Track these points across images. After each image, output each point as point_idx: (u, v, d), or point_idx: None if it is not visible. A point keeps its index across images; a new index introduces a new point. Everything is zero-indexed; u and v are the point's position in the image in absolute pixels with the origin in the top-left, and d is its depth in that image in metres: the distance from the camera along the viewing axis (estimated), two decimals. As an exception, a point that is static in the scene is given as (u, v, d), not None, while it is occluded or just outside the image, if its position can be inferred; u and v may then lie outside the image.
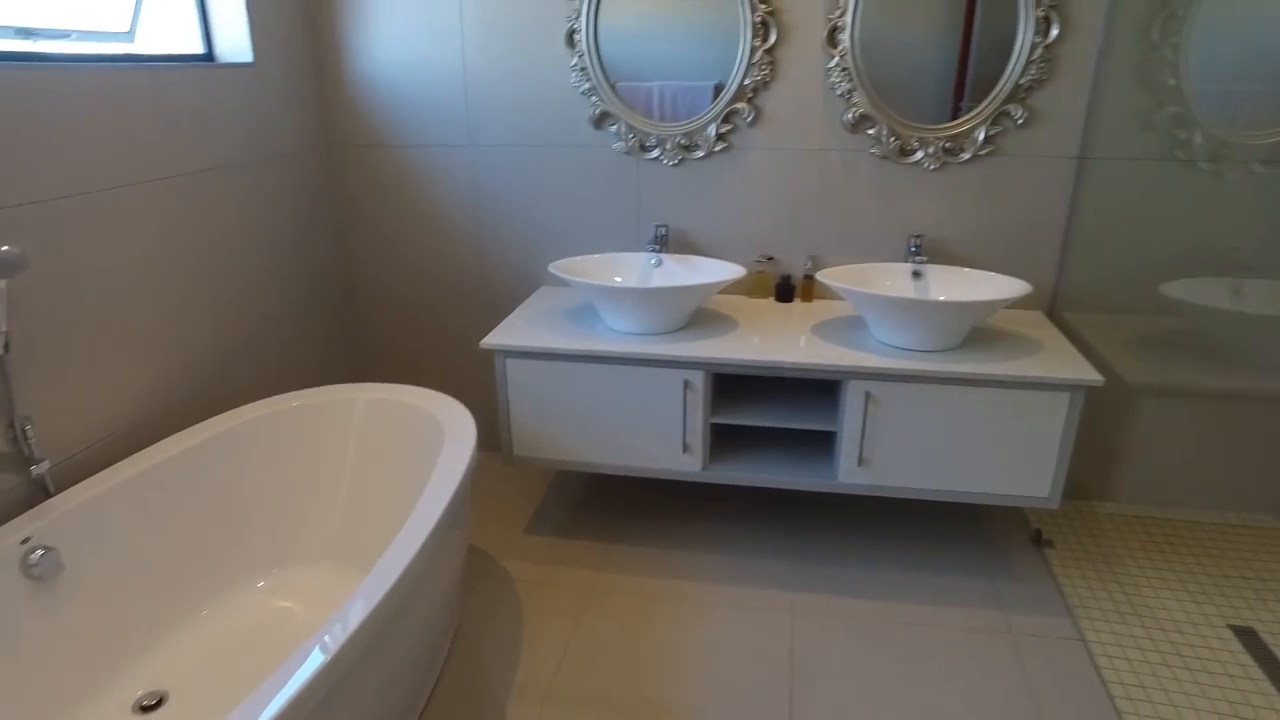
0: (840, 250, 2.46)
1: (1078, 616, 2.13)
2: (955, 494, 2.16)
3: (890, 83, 2.26)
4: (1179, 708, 1.85)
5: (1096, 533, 2.49)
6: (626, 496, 2.67)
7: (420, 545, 1.47)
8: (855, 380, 2.07)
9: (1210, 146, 2.23)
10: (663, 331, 2.23)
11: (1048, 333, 2.26)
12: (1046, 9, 2.13)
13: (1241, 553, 2.41)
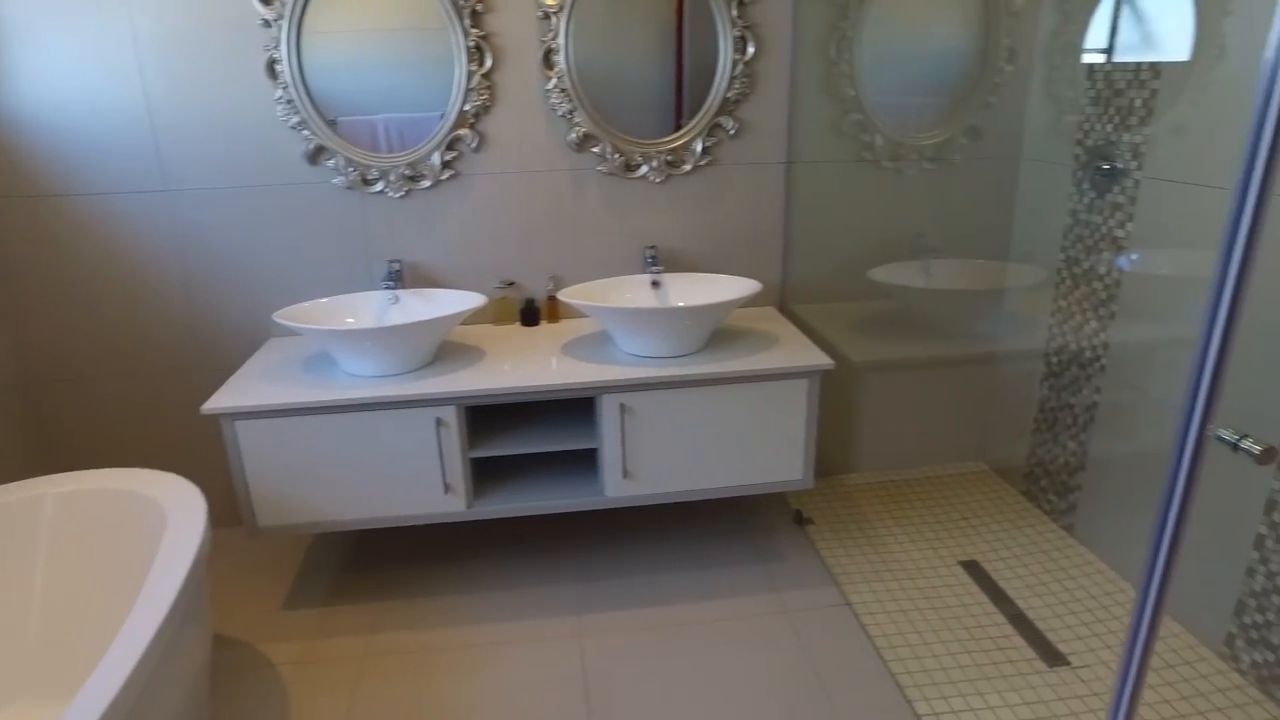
0: (580, 268, 2.49)
1: (841, 583, 2.30)
2: (720, 490, 2.25)
3: (612, 102, 2.33)
4: (929, 644, 2.05)
5: (848, 503, 2.72)
6: (395, 548, 2.51)
7: (138, 659, 1.27)
8: (609, 395, 2.09)
9: (889, 148, 2.51)
10: (407, 370, 2.12)
11: (781, 326, 2.43)
12: (742, 29, 2.30)
13: (961, 496, 2.74)
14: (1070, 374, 2.46)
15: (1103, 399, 2.33)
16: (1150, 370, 2.17)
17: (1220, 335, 1.01)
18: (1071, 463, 2.48)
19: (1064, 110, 2.40)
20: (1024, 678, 1.95)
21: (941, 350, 2.78)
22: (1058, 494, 2.56)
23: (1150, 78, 2.08)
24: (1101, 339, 2.32)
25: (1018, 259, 2.65)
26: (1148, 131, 2.10)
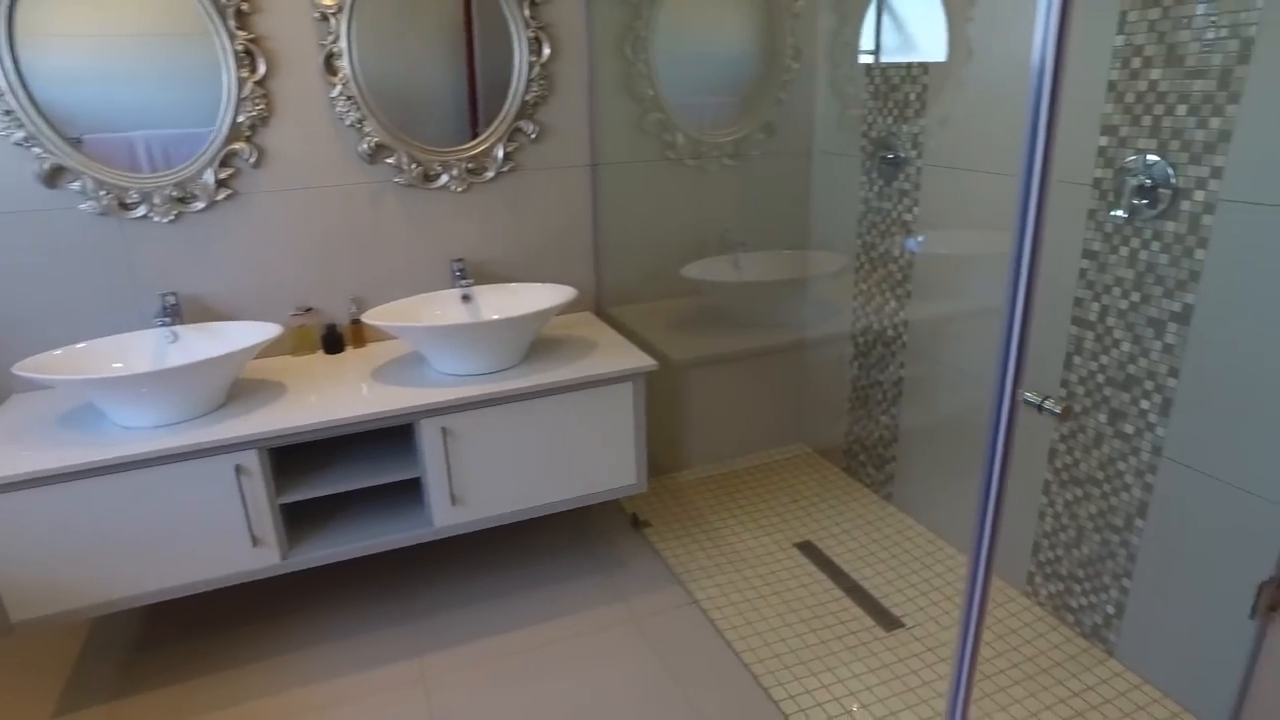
0: (384, 287, 2.33)
1: (685, 582, 2.29)
2: (554, 505, 2.17)
3: (405, 109, 2.19)
4: (777, 629, 2.09)
5: (683, 500, 2.73)
6: (199, 614, 2.23)
7: None
8: (428, 419, 1.96)
9: (691, 146, 2.55)
10: (196, 415, 1.88)
11: (599, 330, 2.39)
12: (536, 30, 2.24)
13: (789, 480, 2.83)
14: (877, 353, 2.60)
15: (907, 373, 2.49)
16: (944, 342, 2.34)
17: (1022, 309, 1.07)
18: (885, 436, 2.63)
19: (848, 105, 2.53)
20: (866, 646, 2.03)
21: (757, 341, 2.87)
22: (875, 467, 2.71)
23: (921, 74, 2.23)
24: (901, 317, 2.47)
25: (819, 247, 2.78)
26: (923, 123, 2.25)
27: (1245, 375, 1.58)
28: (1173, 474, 1.74)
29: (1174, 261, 1.67)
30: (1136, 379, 1.78)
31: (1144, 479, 1.80)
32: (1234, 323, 1.59)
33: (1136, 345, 1.77)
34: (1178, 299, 1.68)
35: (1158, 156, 1.67)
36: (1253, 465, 1.59)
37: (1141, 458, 1.80)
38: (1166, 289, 1.70)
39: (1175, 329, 1.69)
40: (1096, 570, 1.96)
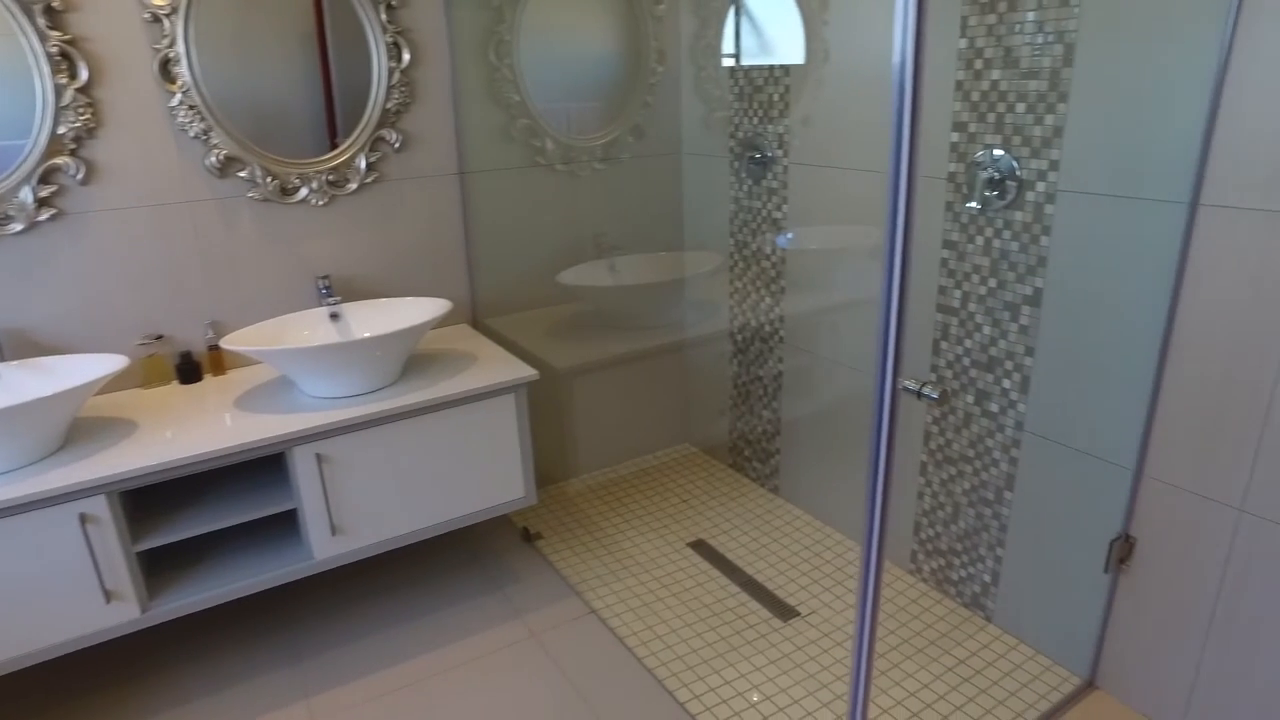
0: (243, 310, 2.17)
1: (582, 592, 2.26)
2: (442, 525, 2.09)
3: (255, 119, 2.04)
4: (677, 630, 2.09)
5: (574, 509, 2.69)
6: (43, 683, 2.00)
7: None
8: (301, 447, 1.84)
9: (561, 151, 2.52)
10: (27, 463, 1.68)
11: (477, 343, 2.33)
12: (394, 35, 2.14)
13: (678, 481, 2.85)
14: (755, 349, 2.66)
15: (786, 367, 2.56)
16: (819, 334, 2.42)
17: (898, 301, 1.10)
18: (768, 430, 2.69)
19: (714, 107, 2.58)
20: (765, 638, 2.06)
21: (638, 344, 2.87)
22: (760, 461, 2.77)
23: (783, 75, 2.30)
24: (776, 313, 2.54)
25: (693, 247, 2.81)
26: (787, 123, 2.32)
27: (1087, 351, 1.71)
28: (1034, 447, 1.87)
29: (1024, 248, 1.79)
30: (998, 360, 1.90)
31: (1010, 454, 1.92)
32: (1075, 302, 1.71)
33: (996, 328, 1.89)
34: (1029, 283, 1.80)
35: (1003, 151, 1.78)
36: (1099, 432, 1.73)
37: (1006, 434, 1.92)
38: (1019, 274, 1.81)
39: (1029, 311, 1.81)
40: (973, 543, 2.07)
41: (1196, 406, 1.56)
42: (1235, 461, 1.52)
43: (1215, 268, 1.48)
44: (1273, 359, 1.43)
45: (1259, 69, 1.37)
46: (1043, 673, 1.90)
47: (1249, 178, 1.41)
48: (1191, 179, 1.48)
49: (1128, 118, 1.56)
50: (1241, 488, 1.52)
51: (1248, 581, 1.55)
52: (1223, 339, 1.50)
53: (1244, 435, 1.50)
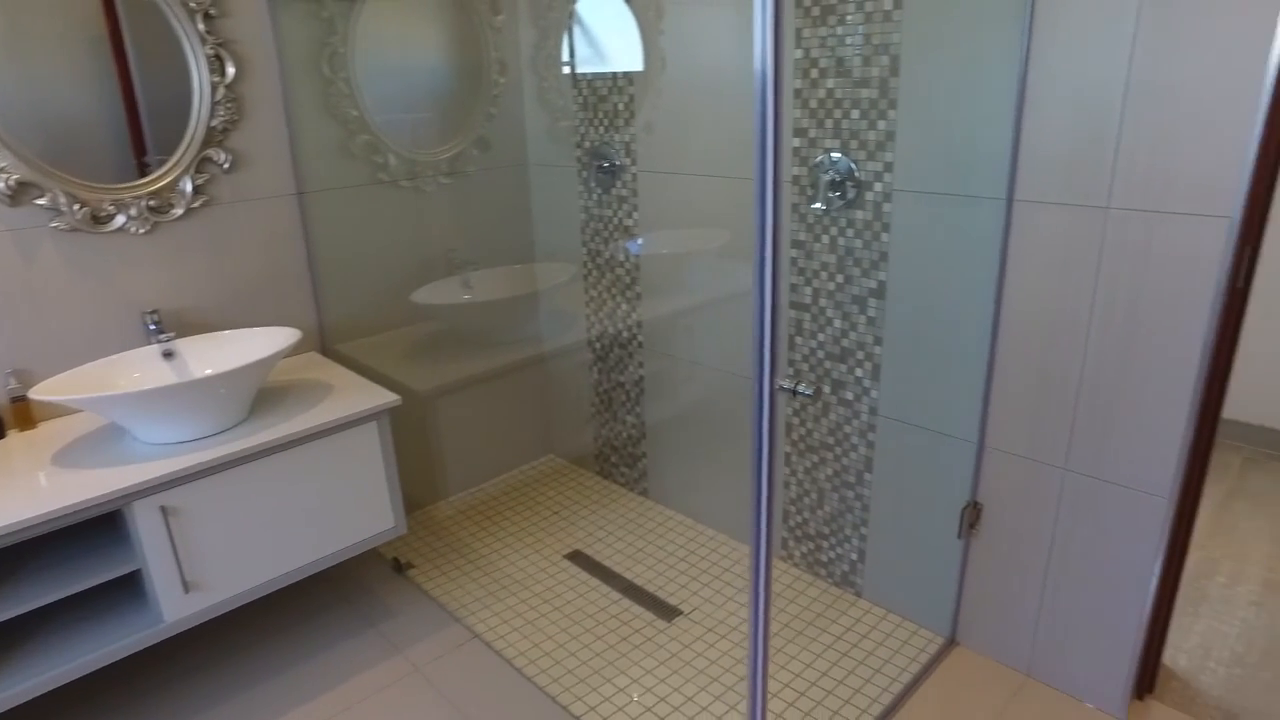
0: (56, 355, 1.94)
1: (463, 618, 2.20)
2: (308, 568, 1.96)
3: (50, 139, 1.83)
4: (564, 644, 2.07)
5: (446, 533, 2.61)
6: None
7: None
8: (141, 500, 1.66)
9: (404, 166, 2.43)
10: None
11: (331, 371, 2.20)
12: (214, 47, 1.98)
13: (548, 494, 2.83)
14: (615, 356, 2.68)
15: (647, 371, 2.60)
16: (677, 337, 2.47)
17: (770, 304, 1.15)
18: (633, 435, 2.73)
19: (558, 117, 2.58)
20: (651, 641, 2.09)
21: (498, 359, 2.82)
22: (628, 466, 2.80)
23: (627, 84, 2.33)
24: (634, 318, 2.57)
25: (546, 259, 2.80)
26: (633, 131, 2.36)
27: (929, 337, 1.86)
28: (888, 429, 2.01)
29: (866, 245, 1.92)
30: (850, 351, 2.02)
31: (867, 438, 2.06)
32: (916, 293, 1.86)
33: (846, 321, 2.01)
34: (873, 277, 1.93)
35: (841, 155, 1.90)
36: (944, 411, 1.88)
37: (862, 419, 2.05)
38: (864, 269, 1.94)
39: (875, 304, 1.94)
40: (839, 525, 2.19)
41: (1024, 380, 1.74)
42: (1057, 427, 1.71)
43: (1030, 255, 1.66)
44: (1080, 334, 1.62)
45: (1049, 82, 1.54)
46: (911, 637, 2.05)
47: (1049, 175, 1.59)
48: (1007, 177, 1.65)
49: (950, 122, 1.71)
50: (1064, 449, 1.71)
51: (1074, 530, 1.74)
52: (1040, 318, 1.68)
53: (1063, 402, 1.68)
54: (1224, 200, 1.41)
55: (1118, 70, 1.47)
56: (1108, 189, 1.53)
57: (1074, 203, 1.57)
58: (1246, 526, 2.54)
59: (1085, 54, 1.50)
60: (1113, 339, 1.59)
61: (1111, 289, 1.57)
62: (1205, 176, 1.42)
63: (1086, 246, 1.58)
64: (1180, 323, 1.50)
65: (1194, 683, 1.90)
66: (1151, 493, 1.61)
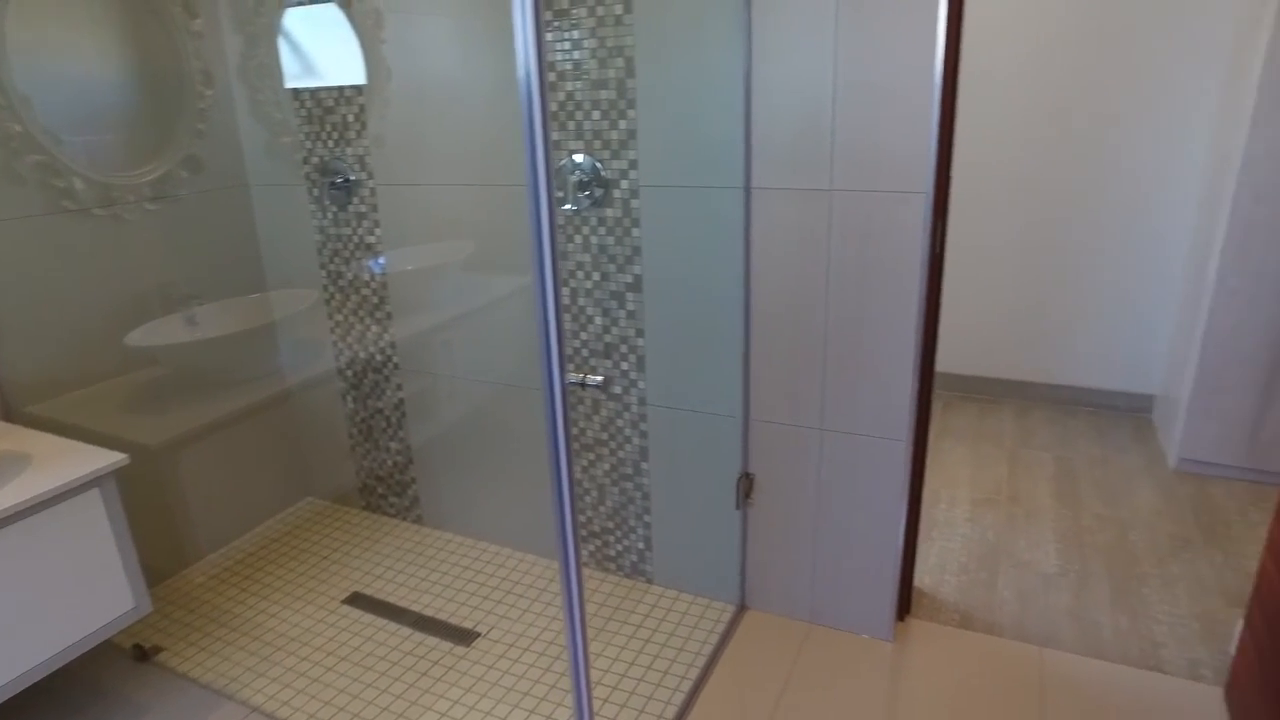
0: None
1: (234, 693, 1.95)
2: (28, 676, 1.63)
3: None
4: (358, 694, 1.92)
5: (202, 603, 2.29)
6: None
7: None
8: None
9: (95, 192, 2.10)
10: None
11: (25, 438, 1.85)
12: None
13: (314, 539, 2.60)
14: (369, 381, 2.53)
15: (407, 393, 2.48)
16: (436, 353, 2.39)
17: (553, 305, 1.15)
18: (400, 461, 2.59)
19: (278, 132, 2.37)
20: (454, 670, 2.00)
21: (239, 401, 2.54)
22: (397, 495, 2.65)
23: (355, 96, 2.21)
24: (387, 339, 2.44)
25: (281, 286, 2.57)
26: (366, 144, 2.24)
27: (688, 323, 1.97)
28: (659, 417, 2.09)
29: (619, 241, 1.98)
30: (614, 345, 2.08)
31: (639, 428, 2.12)
32: (671, 283, 1.96)
33: (607, 317, 2.06)
34: (629, 271, 2.00)
35: (585, 155, 1.95)
36: (710, 391, 2.00)
37: (633, 411, 2.12)
38: (619, 265, 2.01)
39: (633, 297, 2.01)
40: (623, 517, 2.25)
41: (778, 353, 1.90)
42: (810, 392, 1.89)
43: (770, 238, 1.82)
44: (820, 306, 1.81)
45: (770, 81, 1.71)
46: (705, 612, 2.15)
47: (779, 163, 1.75)
48: (742, 167, 1.79)
49: (686, 119, 1.82)
50: (819, 411, 1.89)
51: (834, 483, 1.93)
52: (785, 295, 1.84)
53: (812, 369, 1.87)
54: (920, 178, 1.64)
55: (825, 69, 1.65)
56: (829, 174, 1.71)
57: (802, 187, 1.75)
58: (953, 458, 2.98)
59: (797, 56, 1.67)
60: (848, 308, 1.79)
61: (841, 263, 1.76)
62: (904, 158, 1.64)
63: (816, 226, 1.76)
64: (900, 288, 1.72)
65: (937, 595, 2.20)
66: (893, 438, 1.84)
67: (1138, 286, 3.17)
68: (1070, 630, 2.05)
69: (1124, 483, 2.77)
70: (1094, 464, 2.91)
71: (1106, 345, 3.28)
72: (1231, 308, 2.60)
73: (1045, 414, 3.34)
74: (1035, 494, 2.72)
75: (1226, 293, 2.59)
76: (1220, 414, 2.71)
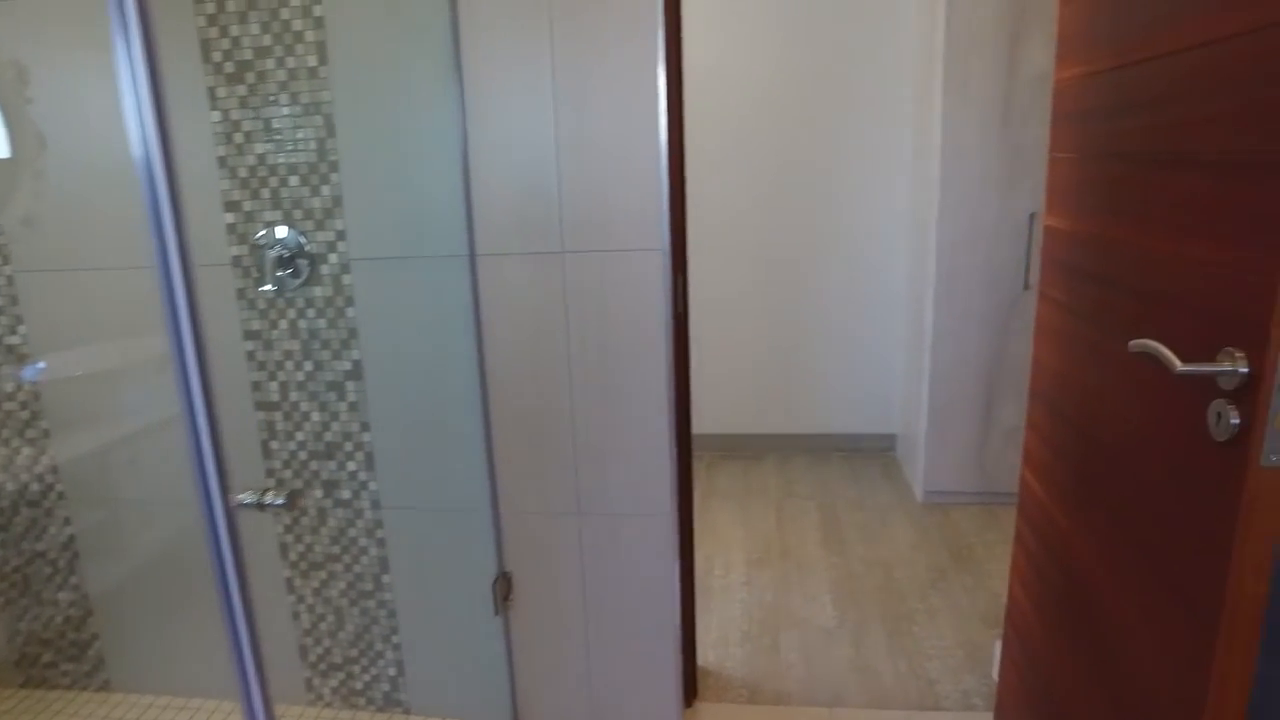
0: None
1: None
2: None
3: None
4: None
5: None
6: None
7: None
8: None
9: None
10: None
11: None
12: None
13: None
14: (23, 519, 2.00)
15: (79, 528, 1.98)
16: (117, 475, 1.94)
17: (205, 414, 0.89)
18: (74, 615, 2.06)
19: None
20: None
21: None
22: (73, 659, 2.10)
23: (-25, 163, 1.77)
24: (45, 464, 1.95)
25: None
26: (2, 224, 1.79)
27: (420, 410, 1.72)
28: (398, 521, 1.80)
29: (332, 323, 1.71)
30: (336, 444, 1.78)
31: (375, 536, 1.82)
32: (396, 366, 1.71)
33: (326, 412, 1.76)
34: (346, 358, 1.73)
35: (287, 227, 1.67)
36: (453, 486, 1.76)
37: (366, 518, 1.81)
38: (334, 351, 1.73)
39: (354, 386, 1.74)
40: (368, 642, 1.91)
41: (523, 435, 1.70)
42: (563, 475, 1.71)
43: (500, 309, 1.64)
44: (564, 379, 1.65)
45: (489, 143, 1.55)
46: (470, 740, 1.86)
47: (505, 228, 1.59)
48: (465, 234, 1.61)
49: (398, 184, 1.62)
50: (574, 495, 1.72)
51: (601, 571, 1.75)
52: (523, 369, 1.66)
53: (562, 449, 1.69)
54: (654, 235, 1.55)
55: (546, 127, 1.53)
56: (559, 235, 1.57)
57: (531, 251, 1.59)
58: (723, 519, 2.93)
59: (516, 114, 1.53)
60: (593, 378, 1.64)
61: (582, 330, 1.62)
62: (636, 216, 1.54)
63: (551, 292, 1.61)
64: (646, 352, 1.61)
65: (723, 672, 2.07)
66: (656, 514, 1.70)
67: (869, 333, 3.37)
68: (855, 684, 2.00)
69: (881, 522, 2.86)
70: (853, 507, 2.99)
71: (849, 390, 3.45)
72: (948, 347, 2.81)
73: (804, 462, 3.43)
74: (804, 545, 2.72)
75: (942, 333, 2.80)
76: (952, 447, 2.90)
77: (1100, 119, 1.26)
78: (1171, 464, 1.03)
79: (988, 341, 2.79)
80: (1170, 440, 1.03)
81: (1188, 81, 0.99)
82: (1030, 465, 1.56)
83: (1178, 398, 1.01)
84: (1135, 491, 1.12)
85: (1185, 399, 0.99)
